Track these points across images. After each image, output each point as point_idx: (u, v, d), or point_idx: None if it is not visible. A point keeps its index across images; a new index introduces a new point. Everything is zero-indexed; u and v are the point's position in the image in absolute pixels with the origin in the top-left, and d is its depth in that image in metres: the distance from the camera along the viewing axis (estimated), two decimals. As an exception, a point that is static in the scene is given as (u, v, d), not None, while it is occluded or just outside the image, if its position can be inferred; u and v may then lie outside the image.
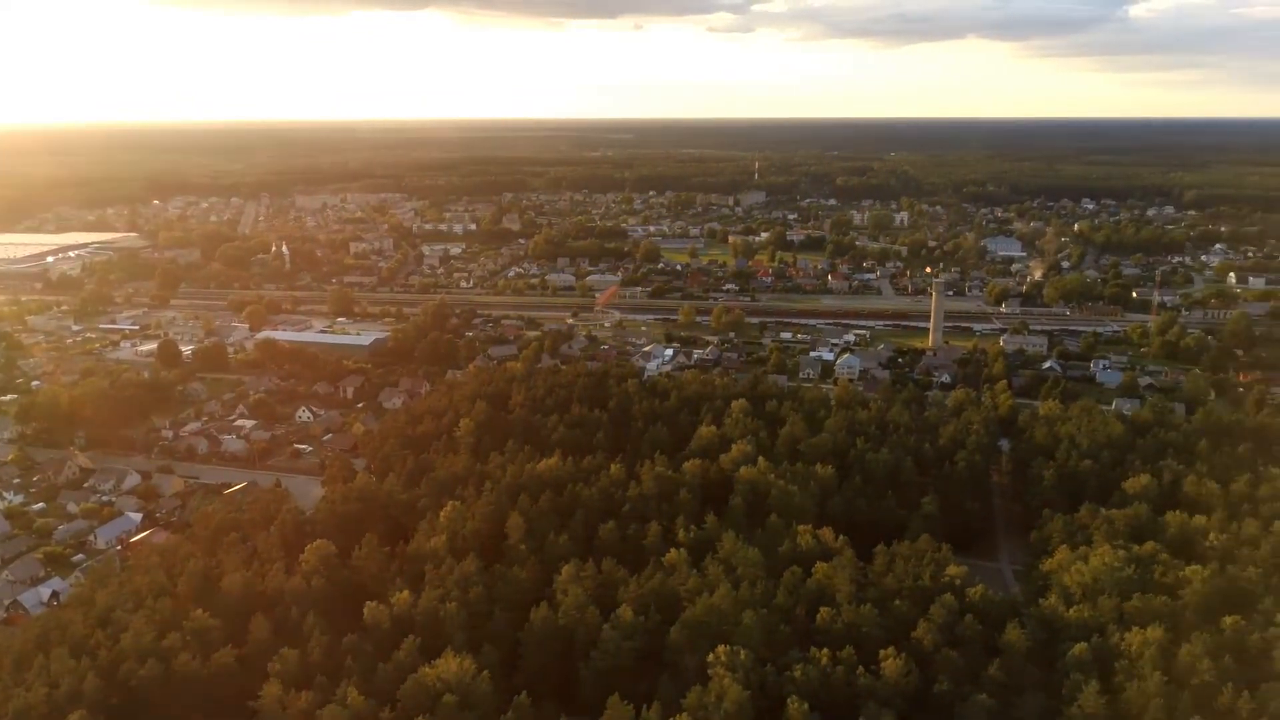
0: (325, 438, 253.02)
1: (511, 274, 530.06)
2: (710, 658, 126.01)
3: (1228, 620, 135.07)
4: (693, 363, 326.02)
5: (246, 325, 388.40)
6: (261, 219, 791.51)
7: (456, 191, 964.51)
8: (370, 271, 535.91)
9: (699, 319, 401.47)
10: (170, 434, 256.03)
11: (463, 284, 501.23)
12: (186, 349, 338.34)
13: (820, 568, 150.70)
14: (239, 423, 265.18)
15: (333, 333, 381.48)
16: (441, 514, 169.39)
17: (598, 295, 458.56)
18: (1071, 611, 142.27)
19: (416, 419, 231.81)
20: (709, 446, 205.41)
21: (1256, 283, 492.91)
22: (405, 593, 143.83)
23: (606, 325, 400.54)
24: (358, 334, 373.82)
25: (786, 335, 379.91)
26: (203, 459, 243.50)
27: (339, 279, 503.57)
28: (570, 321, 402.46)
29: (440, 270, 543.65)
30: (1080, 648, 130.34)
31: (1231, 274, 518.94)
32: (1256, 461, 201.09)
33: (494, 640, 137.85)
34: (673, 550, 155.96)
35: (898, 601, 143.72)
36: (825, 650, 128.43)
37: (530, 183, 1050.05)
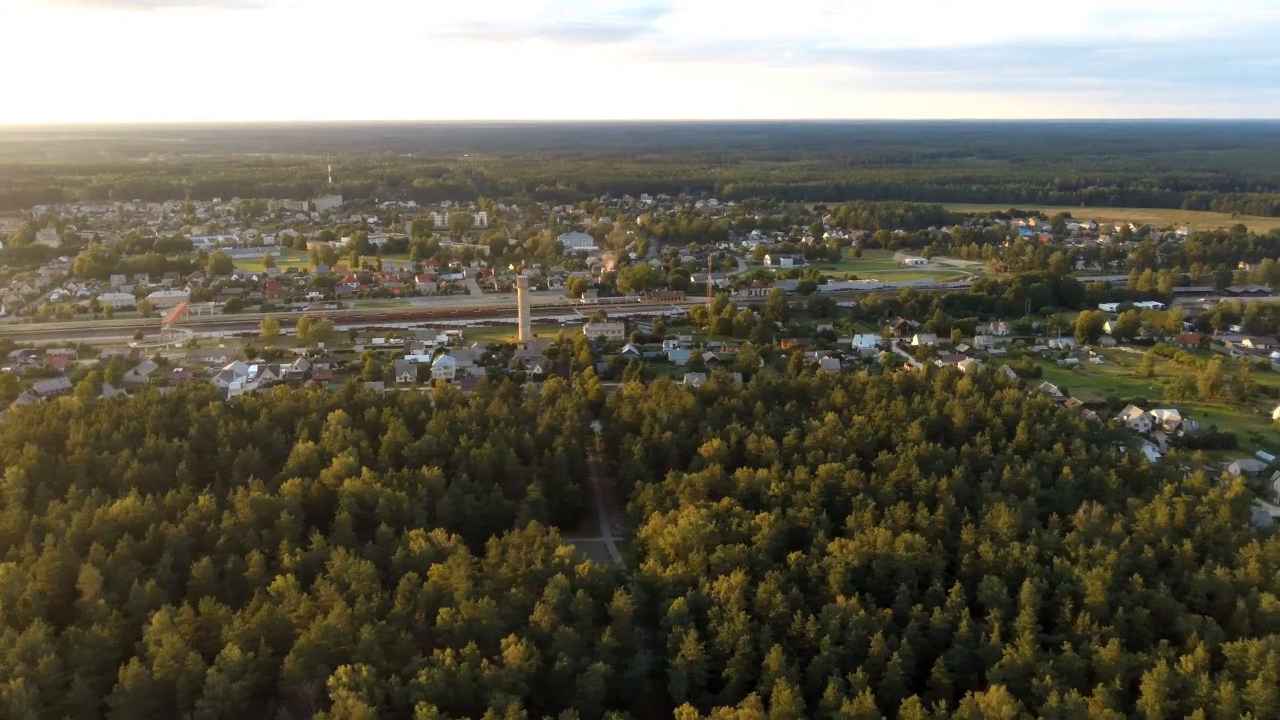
0: None
1: (55, 297, 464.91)
2: (331, 681, 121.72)
3: (792, 556, 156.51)
4: (281, 378, 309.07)
5: None
6: None
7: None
8: None
9: (283, 331, 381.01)
10: None
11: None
12: None
13: (435, 569, 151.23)
14: None
15: None
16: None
17: (164, 314, 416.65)
18: (668, 571, 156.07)
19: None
20: (308, 463, 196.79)
21: (786, 262, 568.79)
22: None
23: (178, 346, 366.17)
24: None
25: (379, 341, 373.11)
26: None
27: None
28: (134, 345, 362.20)
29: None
30: (678, 602, 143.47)
31: (767, 256, 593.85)
32: (800, 416, 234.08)
33: (76, 713, 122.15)
34: (279, 577, 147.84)
35: (514, 589, 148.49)
36: (449, 650, 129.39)
37: (68, 193, 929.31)
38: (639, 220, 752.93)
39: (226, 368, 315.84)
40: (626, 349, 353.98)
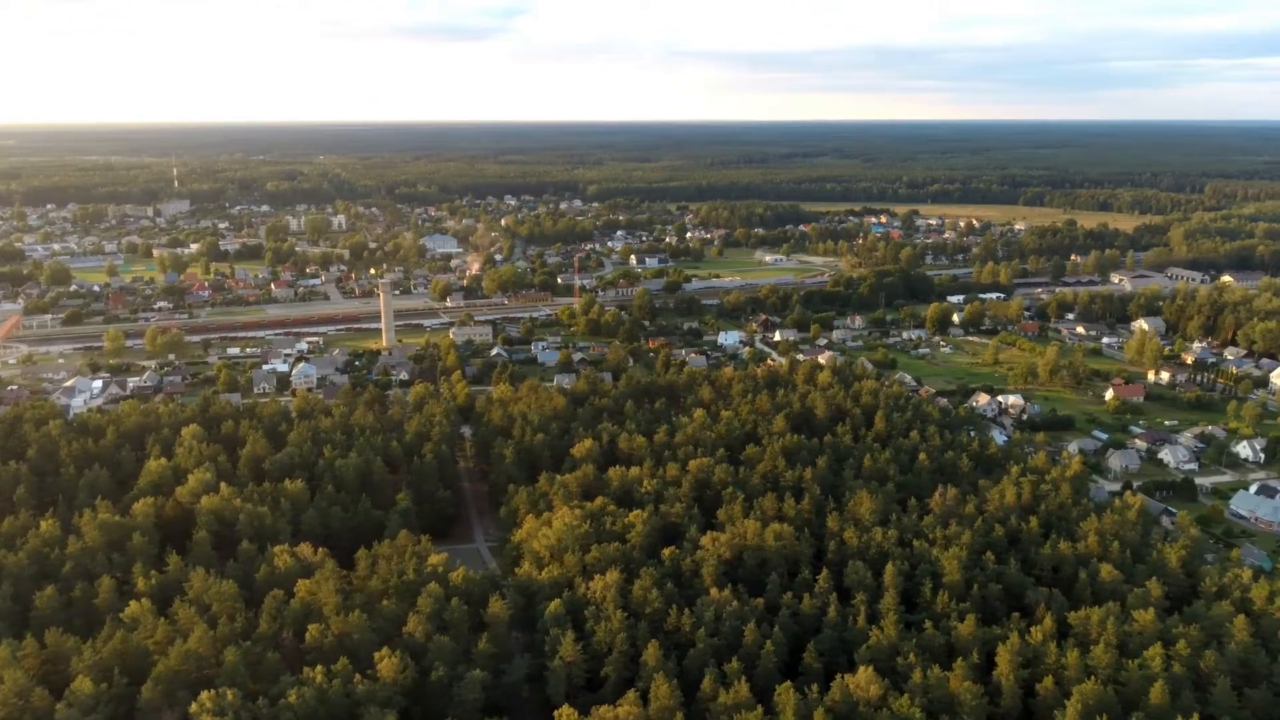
0: None
1: None
2: (194, 707, 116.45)
3: (666, 552, 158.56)
4: (129, 393, 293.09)
5: None
6: None
7: None
8: None
9: (130, 343, 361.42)
10: None
11: None
12: None
13: (302, 585, 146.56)
14: None
15: None
16: None
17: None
18: (543, 573, 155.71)
19: None
20: (161, 481, 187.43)
21: (651, 262, 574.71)
22: None
23: (11, 362, 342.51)
24: None
25: (234, 350, 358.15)
26: None
27: None
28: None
29: None
30: (554, 604, 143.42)
31: (632, 256, 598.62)
32: (670, 413, 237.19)
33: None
34: (133, 602, 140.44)
35: (386, 601, 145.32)
36: (319, 667, 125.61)
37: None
38: (503, 222, 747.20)
39: (68, 384, 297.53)
40: (495, 352, 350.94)
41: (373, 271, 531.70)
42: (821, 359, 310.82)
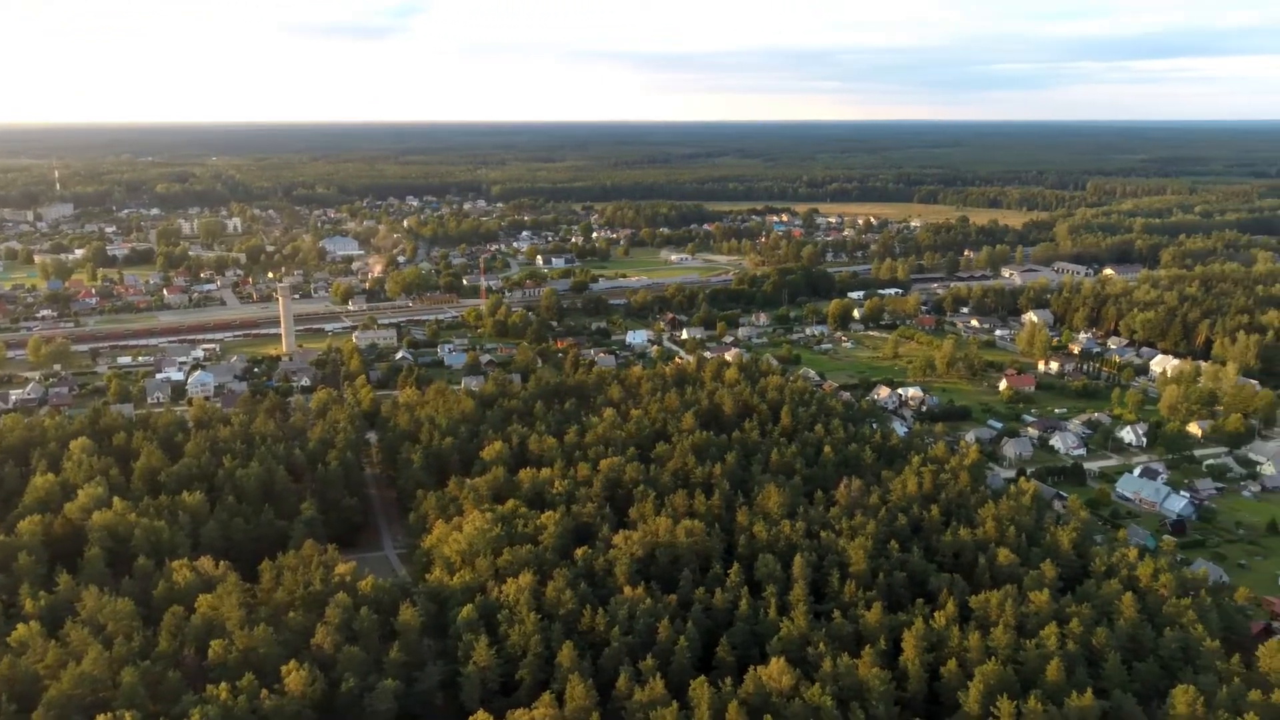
0: None
1: None
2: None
3: (579, 552, 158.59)
4: (11, 406, 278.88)
5: None
6: None
7: None
8: None
9: (11, 354, 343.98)
10: None
11: None
12: None
13: (204, 600, 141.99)
14: None
15: None
16: None
17: None
18: (455, 578, 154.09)
19: None
20: (49, 498, 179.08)
21: (558, 262, 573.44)
22: None
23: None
24: None
25: (125, 359, 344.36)
26: None
27: None
28: None
29: None
30: (467, 609, 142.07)
31: (539, 256, 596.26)
32: (579, 413, 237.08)
33: None
34: (20, 625, 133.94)
35: (292, 613, 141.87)
36: (224, 685, 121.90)
37: None
38: (406, 223, 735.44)
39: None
40: (400, 355, 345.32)
41: (271, 275, 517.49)
42: (728, 356, 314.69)
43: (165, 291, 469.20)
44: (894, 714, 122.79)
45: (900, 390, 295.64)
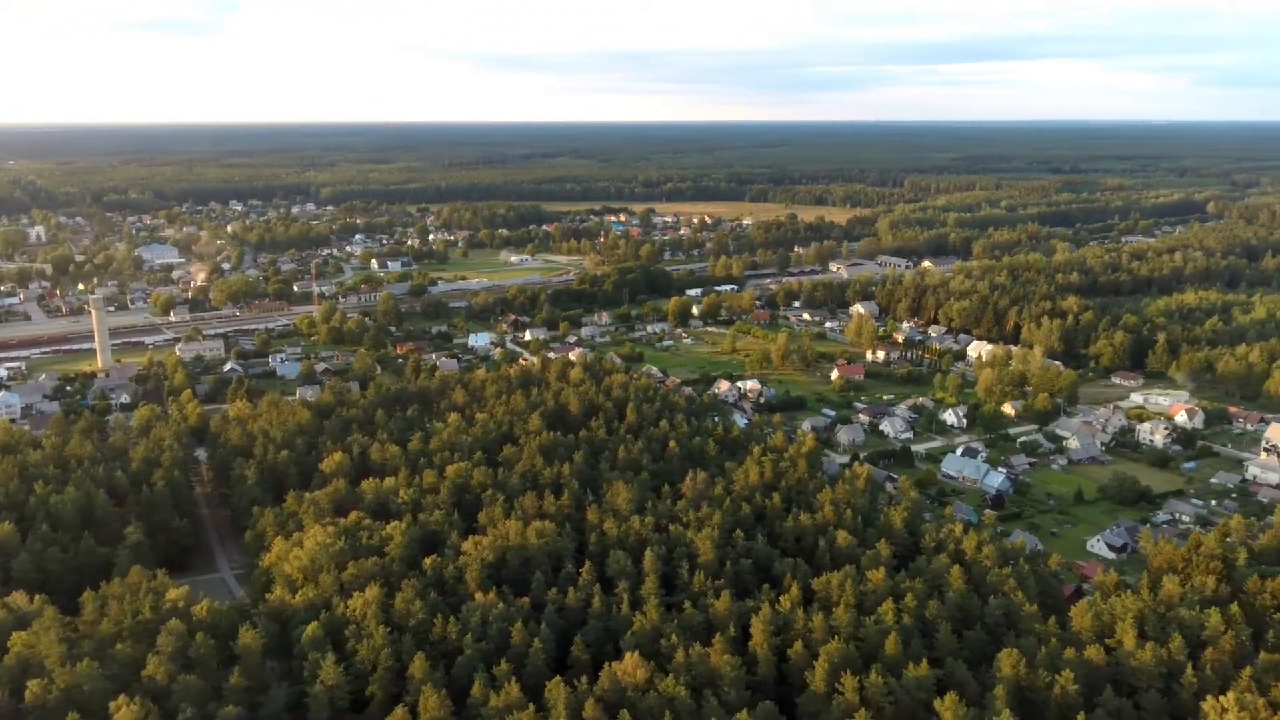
0: None
1: None
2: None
3: (427, 561, 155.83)
4: None
5: None
6: None
7: None
8: None
9: None
10: None
11: None
12: None
13: (18, 638, 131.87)
14: None
15: None
16: None
17: None
18: (298, 596, 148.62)
19: None
20: None
21: (394, 266, 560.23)
22: None
23: None
24: None
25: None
26: None
27: None
28: None
29: None
30: (312, 627, 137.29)
31: (373, 260, 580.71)
32: (423, 419, 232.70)
33: None
34: None
35: (120, 645, 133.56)
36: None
37: None
38: (230, 228, 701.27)
39: None
40: (229, 367, 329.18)
41: (82, 287, 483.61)
42: (572, 356, 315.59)
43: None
44: (745, 699, 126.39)
45: (739, 384, 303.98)
